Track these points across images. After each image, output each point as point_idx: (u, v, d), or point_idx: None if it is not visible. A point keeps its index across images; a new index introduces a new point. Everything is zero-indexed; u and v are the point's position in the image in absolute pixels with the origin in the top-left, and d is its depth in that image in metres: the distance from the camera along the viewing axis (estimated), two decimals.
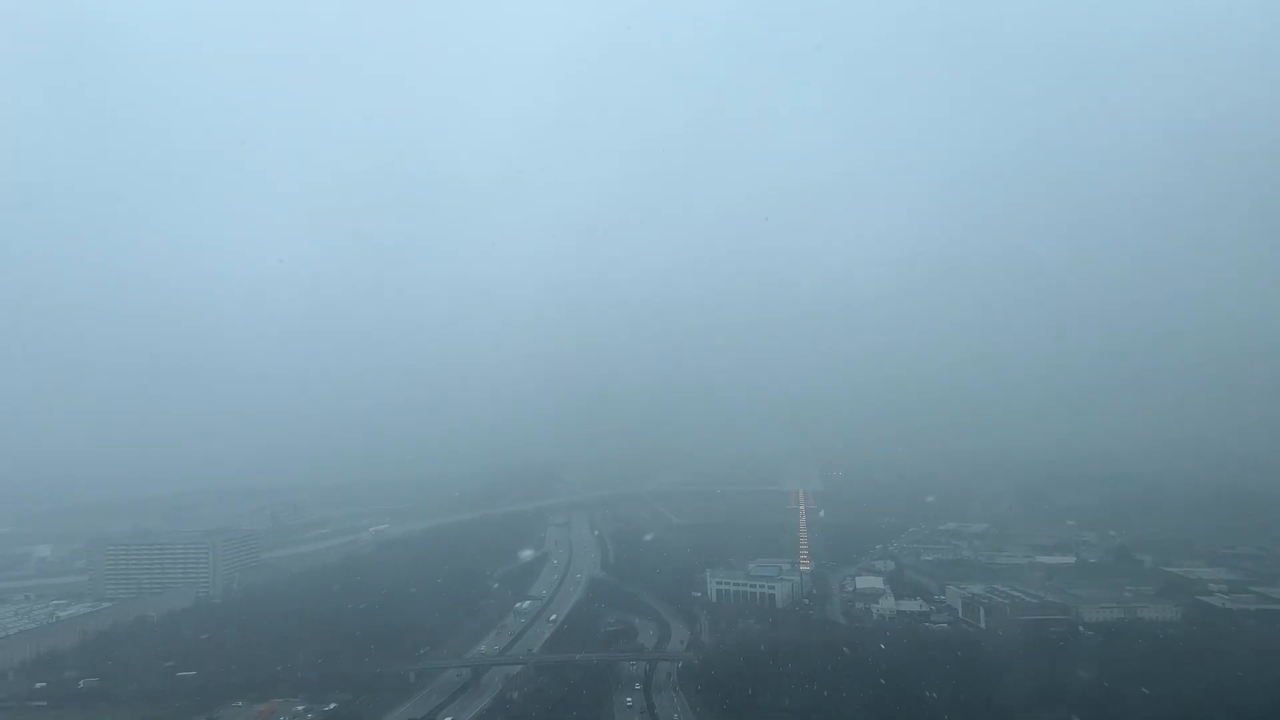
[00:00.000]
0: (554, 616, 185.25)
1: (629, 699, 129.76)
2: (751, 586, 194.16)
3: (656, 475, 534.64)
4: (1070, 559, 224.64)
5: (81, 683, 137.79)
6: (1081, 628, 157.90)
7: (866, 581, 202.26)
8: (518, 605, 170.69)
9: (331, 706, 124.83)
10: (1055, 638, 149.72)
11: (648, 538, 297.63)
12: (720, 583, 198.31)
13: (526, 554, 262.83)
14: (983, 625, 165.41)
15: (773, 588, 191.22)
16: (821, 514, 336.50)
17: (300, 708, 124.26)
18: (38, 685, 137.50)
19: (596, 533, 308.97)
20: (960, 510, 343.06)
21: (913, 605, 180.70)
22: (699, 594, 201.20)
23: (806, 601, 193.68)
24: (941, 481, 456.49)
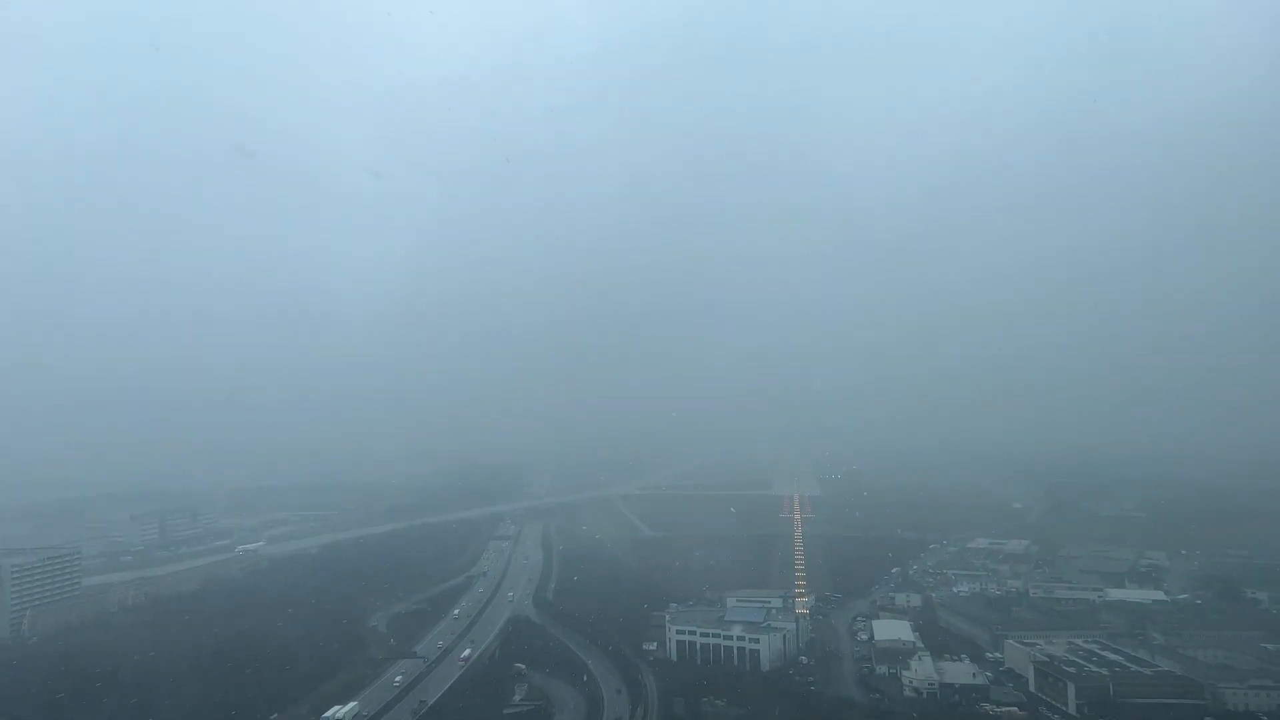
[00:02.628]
0: (465, 654, 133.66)
1: None
2: (727, 638, 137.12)
3: (635, 476, 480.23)
4: (1156, 594, 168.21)
5: None
6: None
7: (888, 628, 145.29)
8: (329, 715, 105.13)
9: None
10: None
11: (607, 556, 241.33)
12: (683, 631, 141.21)
13: (447, 579, 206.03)
14: (1073, 710, 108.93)
15: (756, 641, 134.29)
16: (820, 526, 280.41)
17: None
18: None
19: (546, 549, 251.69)
20: (986, 521, 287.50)
21: (961, 671, 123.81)
22: (655, 644, 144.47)
23: (804, 661, 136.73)
24: (955, 485, 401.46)
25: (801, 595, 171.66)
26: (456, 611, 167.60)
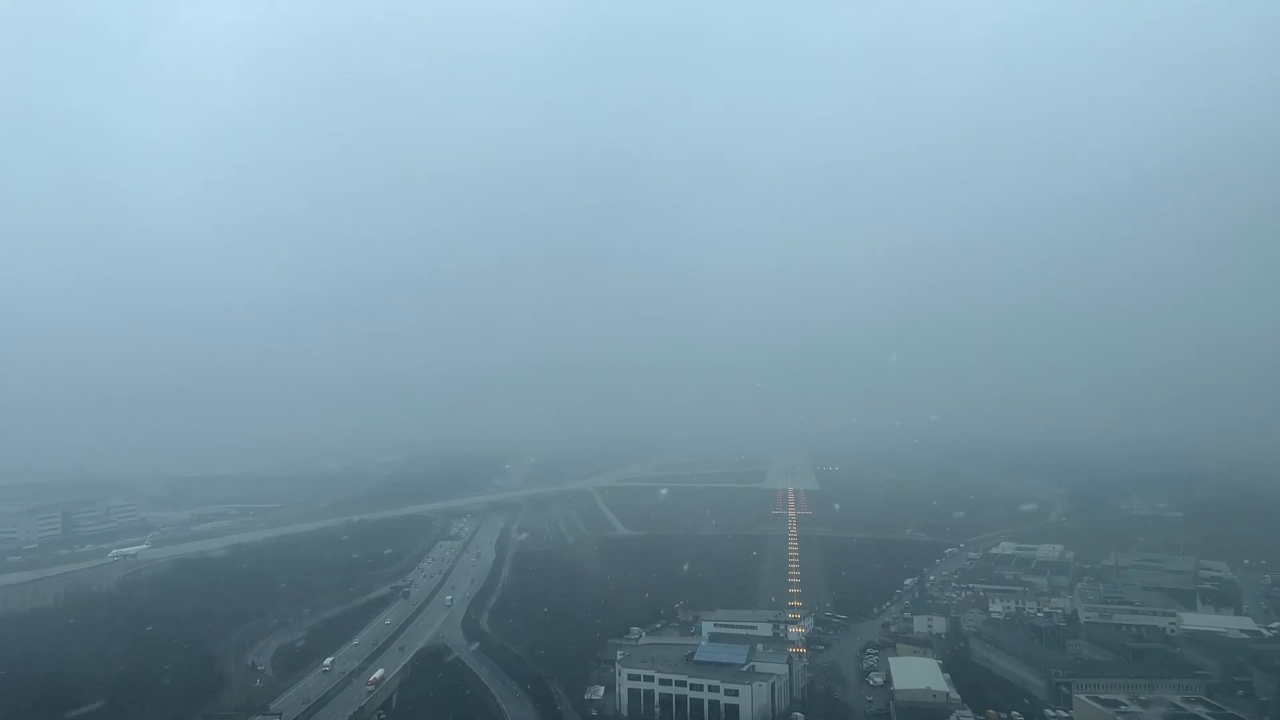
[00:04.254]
0: (376, 676, 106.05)
1: None
2: (695, 688, 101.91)
3: (618, 467, 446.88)
4: (1242, 620, 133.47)
5: None
6: None
7: (910, 670, 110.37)
8: None
9: None
10: None
11: (569, 561, 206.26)
12: (637, 677, 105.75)
13: (369, 591, 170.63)
14: None
15: (735, 694, 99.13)
16: (818, 525, 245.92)
17: None
18: None
19: (500, 552, 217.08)
20: (1005, 520, 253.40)
21: None
22: (602, 689, 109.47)
23: (799, 719, 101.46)
24: (967, 481, 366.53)
25: (796, 618, 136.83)
26: (385, 621, 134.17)
